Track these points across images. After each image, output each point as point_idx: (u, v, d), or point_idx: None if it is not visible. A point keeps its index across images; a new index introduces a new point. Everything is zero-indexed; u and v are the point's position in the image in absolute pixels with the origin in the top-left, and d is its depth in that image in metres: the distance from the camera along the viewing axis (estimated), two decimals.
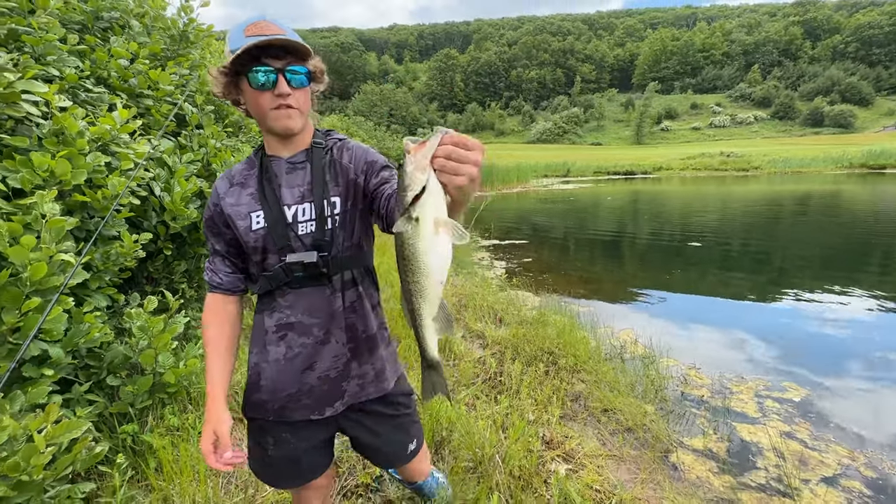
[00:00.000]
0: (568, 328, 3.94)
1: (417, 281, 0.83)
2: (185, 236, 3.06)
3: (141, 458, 1.92)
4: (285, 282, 1.14)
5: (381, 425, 1.30)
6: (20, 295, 1.48)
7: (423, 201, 0.75)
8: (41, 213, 1.62)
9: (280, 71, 1.04)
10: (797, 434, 2.66)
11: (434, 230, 0.78)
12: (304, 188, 1.16)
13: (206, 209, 1.20)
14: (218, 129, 3.32)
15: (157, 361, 2.02)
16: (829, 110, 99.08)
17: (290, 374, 1.16)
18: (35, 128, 1.91)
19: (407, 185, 0.75)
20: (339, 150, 1.22)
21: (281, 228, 1.13)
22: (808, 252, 8.09)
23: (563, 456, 2.38)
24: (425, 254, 0.80)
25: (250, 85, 1.05)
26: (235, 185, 1.18)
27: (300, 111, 1.11)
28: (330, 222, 1.15)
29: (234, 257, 1.22)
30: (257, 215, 1.14)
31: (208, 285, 1.24)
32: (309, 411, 1.18)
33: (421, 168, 0.74)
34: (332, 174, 1.18)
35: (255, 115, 1.11)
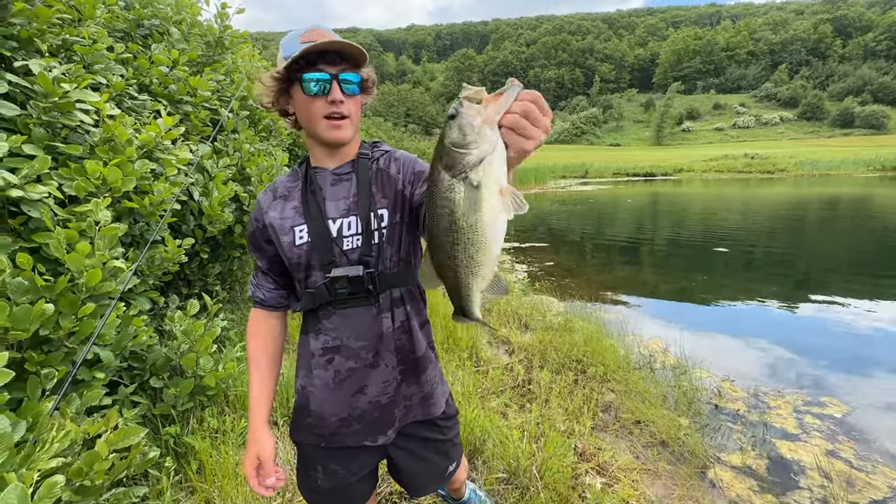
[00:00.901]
0: (595, 336, 3.89)
1: (472, 256, 0.72)
2: (220, 239, 3.12)
3: (183, 459, 1.96)
4: (329, 300, 1.10)
5: (426, 450, 1.25)
6: (76, 301, 1.52)
7: (489, 163, 0.64)
8: (95, 220, 1.66)
9: (335, 77, 1.02)
10: (841, 453, 2.56)
11: (498, 198, 0.67)
12: (350, 200, 1.12)
13: (249, 223, 1.18)
14: (251, 134, 3.37)
15: (197, 364, 2.06)
16: (860, 111, 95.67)
17: (340, 399, 1.12)
18: (87, 135, 1.97)
19: (471, 141, 0.63)
20: (387, 160, 1.18)
21: (325, 243, 1.09)
22: (840, 259, 7.82)
23: (596, 468, 2.34)
24: (487, 226, 0.68)
25: (303, 91, 1.02)
26: (279, 197, 1.15)
27: (351, 121, 1.08)
28: (377, 236, 1.10)
29: (277, 274, 1.20)
30: (300, 229, 1.10)
31: (252, 300, 1.23)
32: (362, 437, 1.14)
33: (491, 123, 0.64)
34: (379, 185, 1.15)
35: (305, 124, 1.09)
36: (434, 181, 0.70)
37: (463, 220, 0.69)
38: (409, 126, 65.27)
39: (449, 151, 0.66)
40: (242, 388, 2.39)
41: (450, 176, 0.67)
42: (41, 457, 1.11)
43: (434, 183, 0.70)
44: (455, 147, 0.65)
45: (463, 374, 3.04)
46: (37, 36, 1.91)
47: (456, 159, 0.65)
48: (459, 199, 0.67)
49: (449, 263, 0.75)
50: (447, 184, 0.67)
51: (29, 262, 1.42)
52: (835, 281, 6.36)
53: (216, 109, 3.17)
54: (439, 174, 0.69)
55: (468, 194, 0.67)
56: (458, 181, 0.67)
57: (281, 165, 3.46)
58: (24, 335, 1.37)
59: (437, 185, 0.69)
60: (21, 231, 1.66)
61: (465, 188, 0.66)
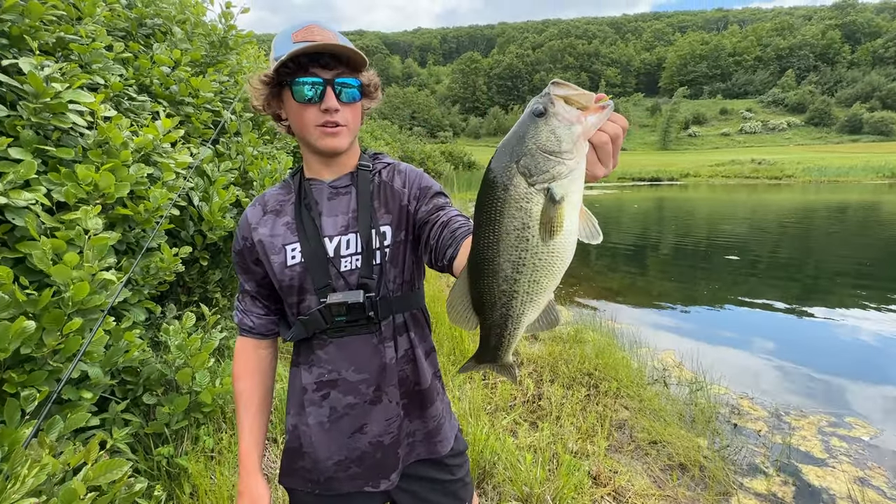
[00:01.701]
0: (607, 348, 3.76)
1: (538, 281, 0.62)
2: (221, 245, 3.02)
3: (175, 481, 1.85)
4: (324, 328, 0.98)
5: (433, 492, 1.13)
6: (62, 316, 1.41)
7: (575, 177, 0.56)
8: (84, 228, 1.56)
9: (329, 82, 0.91)
10: (872, 480, 2.41)
11: (579, 212, 0.59)
12: (349, 216, 1.01)
13: (235, 241, 1.06)
14: (255, 137, 3.28)
15: (193, 380, 1.95)
16: (869, 117, 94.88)
17: (336, 439, 1.00)
18: (80, 138, 1.87)
19: (566, 150, 0.55)
20: (390, 172, 1.07)
21: (320, 264, 0.97)
22: (855, 268, 7.63)
23: (613, 495, 2.21)
24: (564, 248, 0.59)
25: (294, 97, 0.92)
26: (269, 212, 1.03)
27: (349, 129, 0.97)
28: (378, 256, 0.99)
29: (266, 298, 1.08)
30: (293, 248, 0.99)
31: (238, 328, 1.10)
32: (362, 482, 1.02)
33: (587, 136, 0.56)
34: (382, 199, 1.04)
35: (298, 132, 0.98)
36: (503, 186, 0.58)
37: (537, 237, 0.58)
38: (414, 129, 65.43)
39: (535, 155, 0.56)
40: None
41: (527, 183, 0.57)
42: (12, 496, 1.00)
43: (503, 189, 0.58)
44: (545, 152, 0.56)
45: (470, 388, 2.92)
46: (28, 33, 1.82)
47: (542, 166, 0.56)
48: (537, 213, 0.57)
49: (504, 290, 0.63)
50: (523, 192, 0.57)
51: (9, 275, 1.32)
52: (850, 292, 6.19)
53: (218, 111, 3.08)
54: (512, 179, 0.57)
55: (547, 208, 0.57)
56: (536, 191, 0.57)
57: (285, 169, 3.36)
58: (2, 355, 1.26)
59: (508, 192, 0.58)
60: (6, 240, 1.56)
61: (544, 200, 0.57)
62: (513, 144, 0.58)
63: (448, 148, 29.16)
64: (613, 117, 0.57)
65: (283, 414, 2.41)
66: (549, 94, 0.56)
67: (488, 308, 0.66)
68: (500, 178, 0.58)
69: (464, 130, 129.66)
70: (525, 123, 0.57)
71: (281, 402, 2.40)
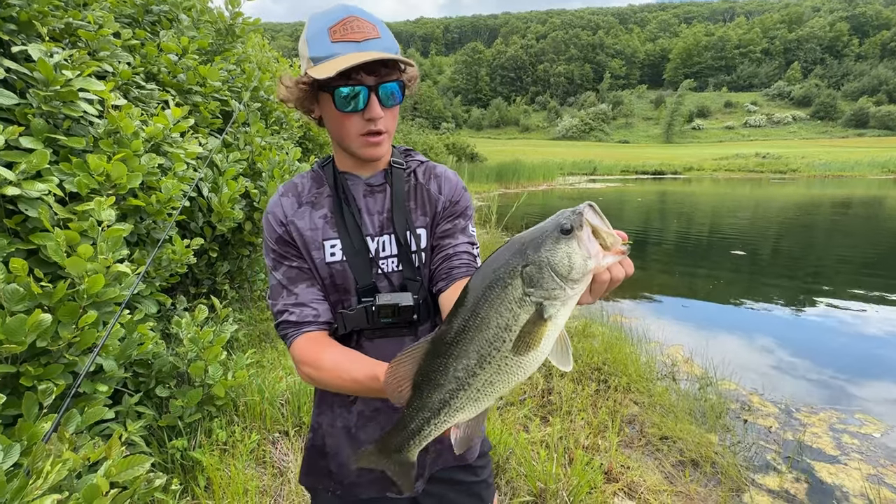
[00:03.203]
0: (615, 342, 3.74)
1: (492, 382, 0.61)
2: (229, 237, 3.00)
3: (189, 474, 1.85)
4: (363, 328, 0.94)
5: (458, 494, 1.11)
6: (77, 309, 1.39)
7: (569, 304, 0.57)
8: (98, 219, 1.53)
9: (373, 89, 0.85)
10: (885, 478, 2.40)
11: (558, 338, 0.60)
12: (384, 216, 0.97)
13: (269, 229, 0.96)
14: (263, 127, 3.24)
15: (206, 373, 1.94)
16: (875, 111, 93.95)
17: (362, 444, 0.97)
18: (90, 127, 1.83)
19: (574, 280, 0.55)
20: (426, 174, 1.04)
21: (363, 263, 0.94)
22: (867, 262, 7.59)
23: (625, 490, 2.20)
24: (530, 362, 0.60)
25: (336, 106, 0.86)
26: (305, 204, 0.97)
27: (389, 135, 0.92)
28: (416, 259, 0.96)
29: (319, 282, 0.96)
30: (332, 245, 0.94)
31: (293, 328, 0.92)
32: (384, 488, 0.99)
33: (597, 272, 0.57)
34: (418, 202, 1.00)
35: (335, 136, 0.93)
36: (502, 282, 0.58)
37: (510, 342, 0.58)
38: (416, 119, 65.13)
39: (543, 269, 0.56)
40: (252, 398, 2.27)
41: (524, 291, 0.57)
42: (34, 491, 0.99)
43: (501, 285, 0.58)
44: (554, 271, 0.56)
45: None
46: (37, 19, 1.78)
47: (544, 283, 0.56)
48: (523, 320, 0.57)
49: (459, 377, 0.62)
50: (518, 296, 0.57)
51: (24, 267, 1.29)
52: (859, 287, 6.15)
53: (226, 100, 3.03)
54: (514, 280, 0.57)
55: (533, 321, 0.57)
56: (529, 301, 0.57)
57: (293, 160, 3.32)
58: (19, 348, 1.24)
59: (505, 290, 0.58)
60: (19, 231, 1.53)
61: (533, 313, 0.57)
62: (528, 247, 0.58)
63: (451, 139, 28.97)
64: (624, 262, 0.58)
65: (294, 408, 2.41)
66: (581, 215, 0.56)
67: (431, 388, 0.64)
68: (502, 273, 0.58)
69: (466, 122, 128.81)
70: (547, 233, 0.57)
71: (293, 395, 2.39)
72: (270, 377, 2.52)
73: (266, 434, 2.24)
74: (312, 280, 0.96)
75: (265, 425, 2.25)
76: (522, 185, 22.77)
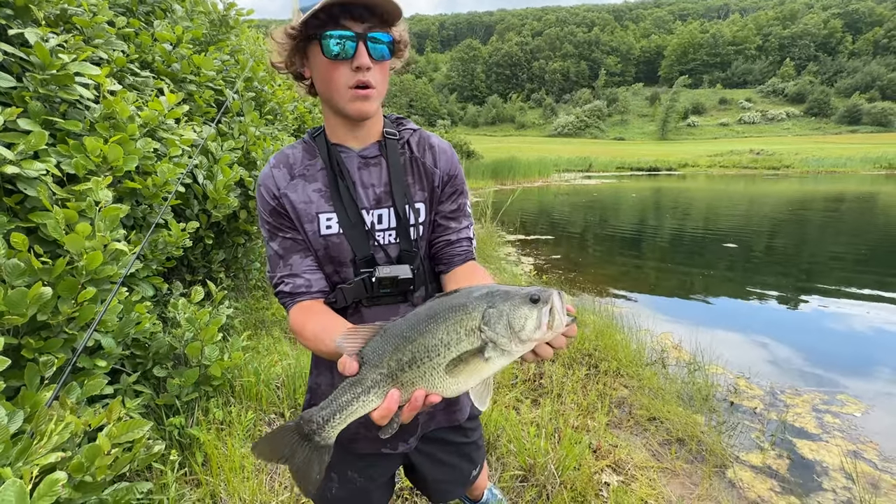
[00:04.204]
0: (606, 329, 3.80)
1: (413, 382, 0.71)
2: (224, 225, 3.03)
3: (188, 451, 1.89)
4: (363, 297, 0.98)
5: (449, 454, 1.17)
6: (76, 284, 1.43)
7: (506, 358, 0.68)
8: (95, 199, 1.57)
9: (361, 37, 0.84)
10: (864, 454, 2.48)
11: (484, 379, 0.71)
12: (381, 190, 0.99)
13: (262, 202, 0.98)
14: (257, 117, 3.27)
15: (202, 354, 1.98)
16: (869, 107, 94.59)
17: None
18: (86, 111, 1.87)
19: (522, 340, 0.66)
20: (420, 146, 1.05)
21: (360, 235, 0.96)
22: (854, 256, 7.71)
23: (612, 466, 2.27)
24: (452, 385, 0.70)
25: (323, 52, 0.84)
26: (297, 176, 0.98)
27: (378, 92, 0.92)
28: (414, 232, 1.00)
29: (312, 253, 1.00)
30: (328, 218, 0.96)
31: (288, 297, 0.98)
32: (380, 444, 1.05)
33: (538, 343, 0.68)
34: (416, 176, 1.02)
35: (324, 92, 0.93)
36: (465, 308, 0.69)
37: (443, 358, 0.68)
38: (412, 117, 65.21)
39: (501, 318, 0.67)
40: (248, 379, 2.31)
41: (479, 324, 0.68)
42: (39, 451, 1.03)
43: (464, 309, 0.69)
44: (509, 323, 0.66)
45: None
46: (33, 3, 1.80)
47: (497, 328, 0.67)
48: (464, 348, 0.68)
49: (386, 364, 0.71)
50: (473, 325, 0.68)
51: (25, 242, 1.33)
52: (845, 278, 6.26)
53: (220, 90, 3.06)
54: (474, 311, 0.68)
55: (472, 353, 0.68)
56: (478, 336, 0.68)
57: None
58: (20, 320, 1.28)
59: (465, 315, 0.68)
60: (17, 210, 1.57)
61: (477, 346, 0.68)
62: (499, 296, 0.69)
63: (446, 136, 29.00)
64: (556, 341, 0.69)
65: (290, 390, 2.45)
66: (550, 295, 0.67)
67: (368, 367, 0.71)
68: (469, 304, 0.69)
69: (462, 119, 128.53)
70: (519, 294, 0.68)
71: (289, 377, 2.43)
72: (266, 361, 2.56)
73: (262, 415, 2.29)
74: (306, 251, 0.99)
75: (261, 406, 2.30)
76: (518, 182, 22.81)
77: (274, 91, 3.91)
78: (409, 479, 1.27)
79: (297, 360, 2.56)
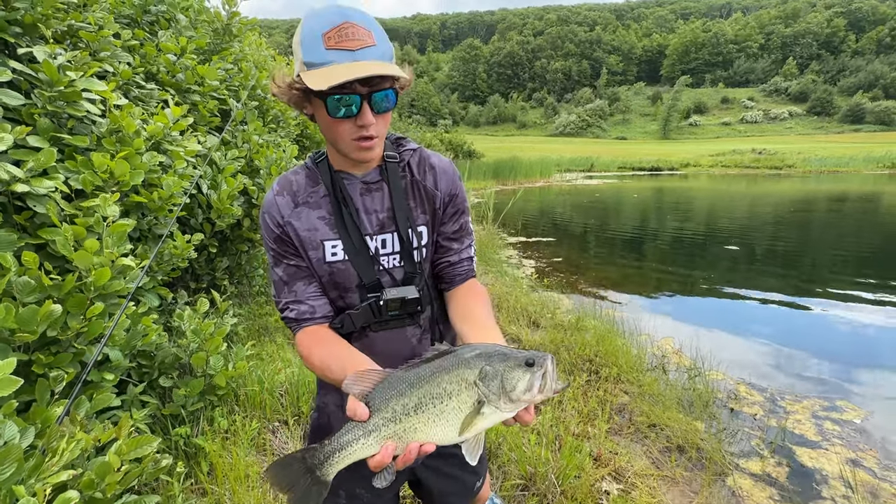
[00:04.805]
0: (607, 335, 3.82)
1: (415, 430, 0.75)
2: (228, 233, 3.06)
3: (193, 460, 1.92)
4: (370, 322, 1.01)
5: (453, 467, 1.19)
6: (84, 300, 1.46)
7: (498, 416, 0.73)
8: (103, 215, 1.60)
9: (365, 98, 0.86)
10: (864, 462, 2.50)
11: (475, 433, 0.75)
12: (384, 215, 1.01)
13: (266, 229, 1.00)
14: (260, 125, 3.29)
15: (207, 364, 2.01)
16: (872, 106, 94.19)
17: None
18: (93, 126, 1.89)
19: (511, 398, 0.71)
20: (420, 168, 1.06)
21: (365, 261, 0.98)
22: (851, 258, 7.70)
23: (612, 474, 2.29)
24: (449, 433, 0.74)
25: (328, 113, 0.87)
26: (301, 204, 1.00)
27: (381, 139, 0.95)
28: (417, 255, 1.02)
29: (316, 279, 1.02)
30: (333, 245, 0.98)
31: (294, 323, 1.01)
32: None
33: (526, 406, 0.73)
34: (417, 199, 1.04)
35: (327, 136, 0.96)
36: (466, 363, 0.73)
37: (445, 405, 0.73)
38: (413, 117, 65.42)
39: (496, 377, 0.72)
40: (252, 388, 2.34)
41: (475, 380, 0.72)
42: (51, 468, 1.06)
43: (465, 364, 0.73)
44: (502, 383, 0.71)
45: None
46: (41, 21, 1.83)
47: (491, 387, 0.71)
48: (464, 401, 0.73)
49: (391, 408, 0.75)
50: (469, 380, 0.73)
51: (35, 260, 1.36)
52: (846, 281, 6.26)
53: (224, 99, 3.09)
54: (473, 367, 0.73)
55: (469, 408, 0.73)
56: (475, 391, 0.72)
57: (290, 157, 3.38)
58: (31, 337, 1.31)
59: (465, 370, 0.73)
60: (27, 227, 1.60)
61: (474, 400, 0.72)
62: (498, 356, 0.74)
63: (448, 136, 28.98)
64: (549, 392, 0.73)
65: (293, 398, 2.48)
66: (545, 361, 0.72)
67: (372, 410, 0.75)
68: (471, 360, 0.74)
69: (463, 119, 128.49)
70: (516, 357, 0.73)
71: (292, 385, 2.46)
72: (269, 369, 2.59)
73: (266, 423, 2.31)
74: (310, 277, 1.02)
75: (265, 414, 2.33)
76: (519, 182, 22.81)
77: None
78: (414, 493, 1.30)
79: (301, 368, 2.58)
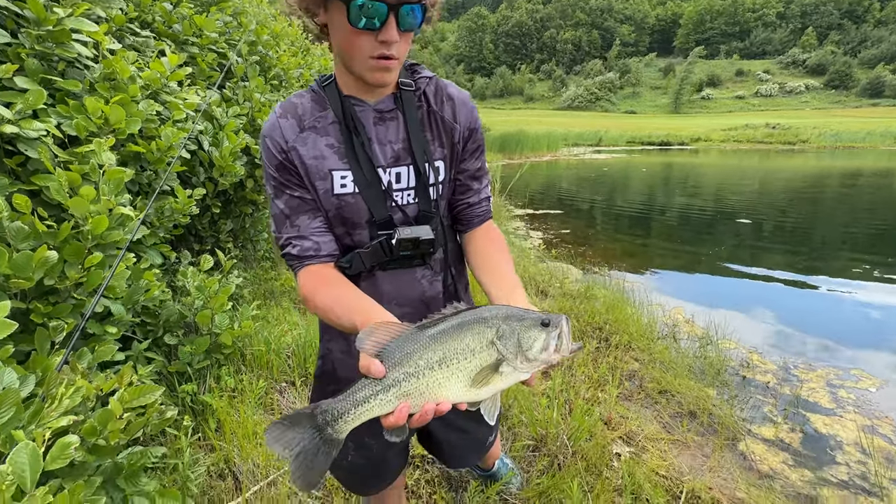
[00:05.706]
0: (617, 303, 3.77)
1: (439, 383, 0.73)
2: (231, 194, 2.98)
3: (200, 417, 1.90)
4: (380, 261, 0.94)
5: (466, 419, 1.12)
6: (82, 249, 1.40)
7: (515, 375, 0.73)
8: (98, 162, 1.52)
9: (393, 9, 0.77)
10: (879, 429, 2.46)
11: (495, 393, 0.75)
12: (398, 146, 0.92)
13: (268, 156, 0.91)
14: (262, 82, 3.16)
15: (213, 322, 1.96)
16: (892, 79, 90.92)
17: None
18: (86, 71, 1.79)
19: (527, 357, 0.71)
20: (437, 97, 0.97)
21: (377, 196, 0.91)
22: (865, 234, 7.53)
23: (623, 438, 2.26)
24: (468, 391, 0.73)
25: (349, 20, 0.77)
26: (308, 129, 0.90)
27: (399, 62, 0.85)
28: (433, 192, 0.95)
29: (322, 213, 0.94)
30: (342, 176, 0.90)
31: (296, 260, 0.92)
32: None
33: (542, 366, 0.73)
34: (434, 131, 0.96)
35: (342, 55, 0.85)
36: (484, 320, 0.73)
37: (467, 361, 0.72)
38: None
39: (513, 336, 0.72)
40: (259, 348, 2.31)
41: (493, 338, 0.72)
42: (51, 414, 1.02)
43: (482, 321, 0.73)
44: (518, 342, 0.72)
45: None
46: None
47: (508, 344, 0.72)
48: (485, 356, 0.72)
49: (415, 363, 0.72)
50: (488, 339, 0.72)
51: (28, 204, 1.29)
52: (860, 257, 6.13)
53: (224, 53, 2.95)
54: (491, 327, 0.73)
55: (488, 366, 0.72)
56: (493, 350, 0.72)
57: None
58: (27, 284, 1.26)
59: (484, 328, 0.72)
60: (19, 173, 1.52)
61: (494, 358, 0.72)
62: (514, 316, 0.74)
63: None
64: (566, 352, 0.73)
65: (300, 359, 2.45)
66: (561, 320, 0.73)
67: (392, 364, 0.71)
68: (490, 319, 0.73)
69: (470, 91, 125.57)
70: (532, 317, 0.73)
71: (299, 347, 2.43)
72: (276, 331, 2.56)
73: (273, 383, 2.29)
74: (315, 211, 0.93)
75: (272, 375, 2.31)
76: (526, 156, 22.40)
77: (279, 56, 3.77)
78: (424, 447, 1.26)
79: (307, 330, 2.55)
